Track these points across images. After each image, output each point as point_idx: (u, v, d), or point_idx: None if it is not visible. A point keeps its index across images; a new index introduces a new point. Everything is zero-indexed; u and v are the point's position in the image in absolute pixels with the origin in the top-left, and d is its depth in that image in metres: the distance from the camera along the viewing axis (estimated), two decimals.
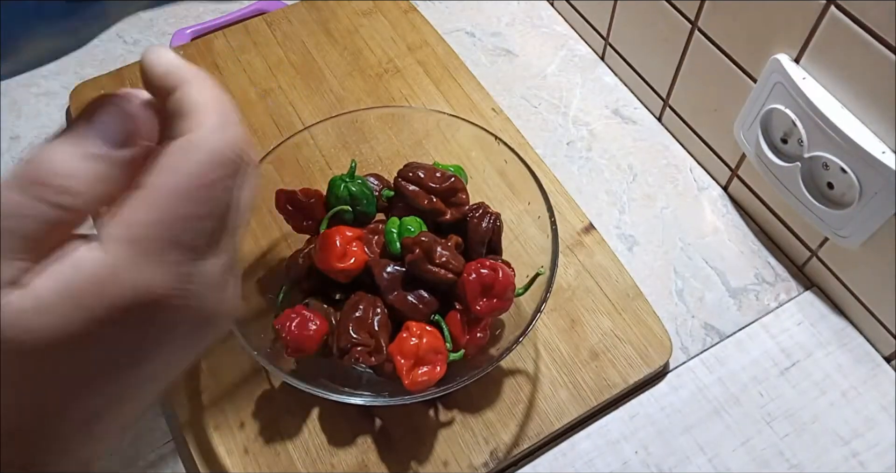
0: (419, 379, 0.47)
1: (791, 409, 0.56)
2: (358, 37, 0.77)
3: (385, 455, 0.53)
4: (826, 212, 0.54)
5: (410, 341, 0.48)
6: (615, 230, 0.66)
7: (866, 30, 0.45)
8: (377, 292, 0.51)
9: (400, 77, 0.74)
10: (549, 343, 0.58)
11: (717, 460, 0.54)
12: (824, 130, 0.50)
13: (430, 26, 0.78)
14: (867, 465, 0.53)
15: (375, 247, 0.54)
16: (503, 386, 0.56)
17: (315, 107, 0.72)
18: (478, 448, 0.53)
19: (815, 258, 0.60)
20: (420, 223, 0.53)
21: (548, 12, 0.81)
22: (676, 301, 0.61)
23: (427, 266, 0.49)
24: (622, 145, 0.71)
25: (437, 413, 0.55)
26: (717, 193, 0.68)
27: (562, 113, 0.73)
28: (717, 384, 0.57)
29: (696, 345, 0.59)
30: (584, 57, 0.78)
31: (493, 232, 0.54)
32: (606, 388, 0.55)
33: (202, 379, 0.56)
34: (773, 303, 0.61)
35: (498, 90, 0.75)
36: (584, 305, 0.59)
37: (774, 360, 0.58)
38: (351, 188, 0.55)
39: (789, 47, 0.52)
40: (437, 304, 0.51)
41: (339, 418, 0.55)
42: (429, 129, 0.61)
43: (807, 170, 0.54)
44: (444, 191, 0.53)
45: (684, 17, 0.61)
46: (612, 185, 0.68)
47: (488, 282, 0.49)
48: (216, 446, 0.54)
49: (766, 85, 0.54)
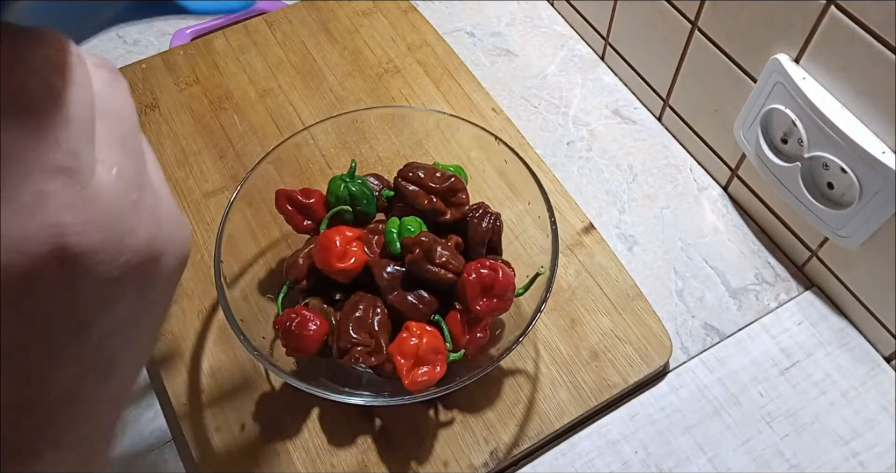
0: (419, 379, 0.47)
1: (791, 409, 0.56)
2: (358, 37, 0.77)
3: (385, 455, 0.53)
4: (826, 212, 0.54)
5: (410, 341, 0.48)
6: (615, 230, 0.66)
7: (866, 30, 0.45)
8: (377, 292, 0.51)
9: (400, 77, 0.74)
10: (549, 343, 0.58)
11: (717, 460, 0.54)
12: (824, 130, 0.50)
13: (430, 26, 0.78)
14: (867, 465, 0.53)
15: (375, 247, 0.54)
16: (503, 386, 0.56)
17: (315, 107, 0.72)
18: (478, 448, 0.53)
19: (815, 258, 0.60)
20: (420, 223, 0.53)
21: (548, 12, 0.81)
22: (676, 301, 0.61)
23: (427, 266, 0.49)
24: (622, 145, 0.71)
25: (437, 413, 0.55)
26: (717, 193, 0.68)
27: (562, 113, 0.73)
28: (717, 384, 0.57)
29: (696, 345, 0.59)
30: (584, 57, 0.78)
31: (493, 232, 0.54)
32: (606, 388, 0.55)
33: (202, 380, 0.56)
34: (773, 303, 0.61)
35: (498, 90, 0.75)
36: (584, 305, 0.59)
37: (774, 360, 0.58)
38: (351, 188, 0.55)
39: (789, 47, 0.52)
40: (437, 304, 0.51)
41: (339, 418, 0.55)
42: (429, 129, 0.61)
43: (807, 170, 0.54)
44: (444, 191, 0.53)
45: (684, 17, 0.61)
46: (612, 185, 0.68)
47: (488, 282, 0.49)
48: (216, 446, 0.54)
49: (766, 85, 0.54)
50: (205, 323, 0.59)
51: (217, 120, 0.71)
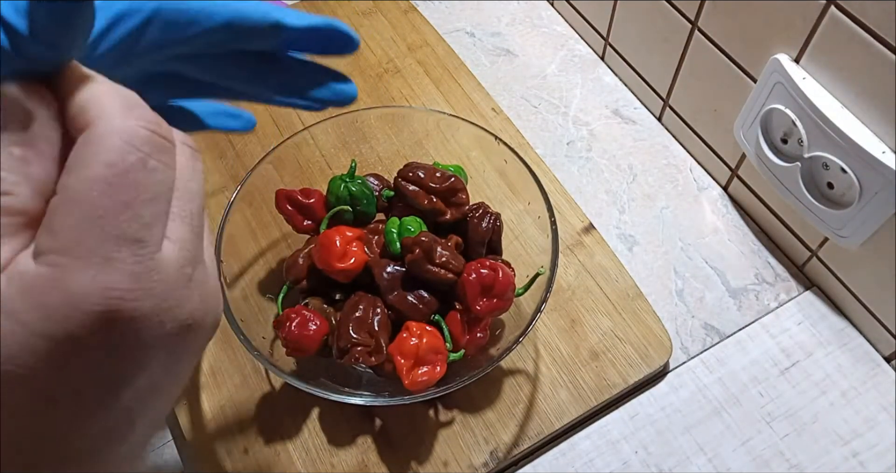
0: (419, 379, 0.47)
1: (791, 409, 0.56)
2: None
3: (385, 455, 0.53)
4: (826, 212, 0.54)
5: (410, 341, 0.48)
6: (615, 230, 0.66)
7: (866, 30, 0.45)
8: (377, 292, 0.51)
9: (400, 77, 0.74)
10: (549, 343, 0.58)
11: (717, 460, 0.54)
12: (824, 130, 0.50)
13: (430, 26, 0.78)
14: (867, 465, 0.53)
15: (375, 247, 0.54)
16: (503, 386, 0.56)
17: None
18: (478, 448, 0.53)
19: (815, 258, 0.60)
20: (420, 223, 0.53)
21: (548, 12, 0.81)
22: (676, 301, 0.61)
23: (427, 266, 0.49)
24: (622, 145, 0.71)
25: (437, 413, 0.55)
26: (717, 193, 0.68)
27: (562, 113, 0.73)
28: (717, 384, 0.57)
29: (696, 345, 0.59)
30: (584, 57, 0.78)
31: (493, 232, 0.54)
32: (606, 388, 0.55)
33: (202, 380, 0.56)
34: (773, 303, 0.61)
35: (498, 90, 0.75)
36: (584, 305, 0.59)
37: (774, 360, 0.58)
38: (351, 188, 0.55)
39: (789, 47, 0.52)
40: (437, 304, 0.51)
41: (339, 418, 0.55)
42: (429, 129, 0.61)
43: (807, 170, 0.54)
44: (444, 191, 0.53)
45: (684, 17, 0.61)
46: (612, 185, 0.68)
47: (488, 282, 0.49)
48: (216, 446, 0.54)
49: (766, 85, 0.54)
50: None
51: None
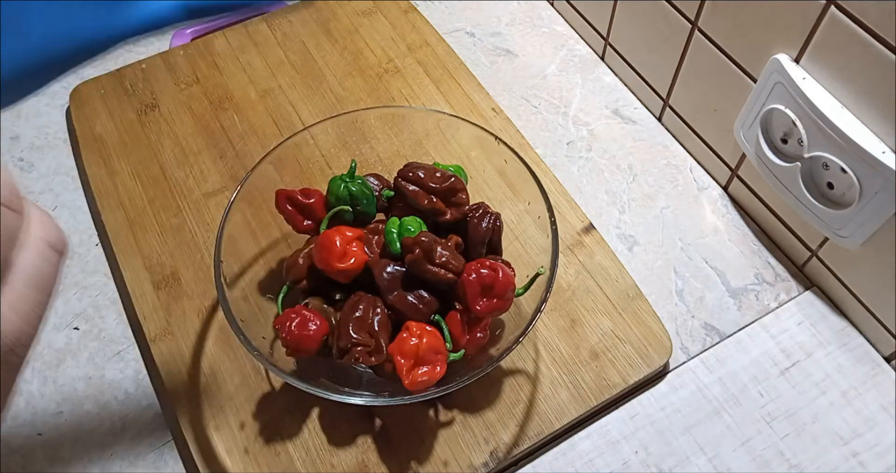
0: (419, 379, 0.47)
1: (791, 409, 0.56)
2: (358, 37, 0.77)
3: (385, 455, 0.53)
4: (826, 212, 0.54)
5: (410, 341, 0.48)
6: (615, 230, 0.66)
7: (866, 30, 0.45)
8: (377, 292, 0.51)
9: (400, 77, 0.74)
10: (549, 343, 0.58)
11: (717, 460, 0.54)
12: (824, 130, 0.50)
13: (430, 26, 0.78)
14: (867, 465, 0.53)
15: (375, 247, 0.54)
16: (503, 386, 0.56)
17: (315, 107, 0.72)
18: (478, 448, 0.53)
19: (815, 258, 0.60)
20: (420, 223, 0.53)
21: (548, 12, 0.81)
22: (676, 301, 0.61)
23: (427, 266, 0.49)
24: (622, 145, 0.71)
25: (437, 413, 0.55)
26: (717, 193, 0.68)
27: (562, 113, 0.73)
28: (717, 384, 0.57)
29: (696, 345, 0.59)
30: (584, 57, 0.78)
31: (493, 232, 0.54)
32: (606, 388, 0.55)
33: (202, 380, 0.56)
34: (773, 303, 0.61)
35: (498, 90, 0.75)
36: (584, 305, 0.59)
37: (774, 360, 0.58)
38: (351, 188, 0.55)
39: (789, 47, 0.52)
40: (437, 304, 0.51)
41: (339, 418, 0.55)
42: (429, 129, 0.61)
43: (807, 170, 0.54)
44: (444, 191, 0.53)
45: (684, 17, 0.61)
46: (612, 185, 0.68)
47: (488, 282, 0.49)
48: (216, 446, 0.54)
49: (766, 85, 0.54)
50: (205, 323, 0.59)
51: (217, 120, 0.71)
